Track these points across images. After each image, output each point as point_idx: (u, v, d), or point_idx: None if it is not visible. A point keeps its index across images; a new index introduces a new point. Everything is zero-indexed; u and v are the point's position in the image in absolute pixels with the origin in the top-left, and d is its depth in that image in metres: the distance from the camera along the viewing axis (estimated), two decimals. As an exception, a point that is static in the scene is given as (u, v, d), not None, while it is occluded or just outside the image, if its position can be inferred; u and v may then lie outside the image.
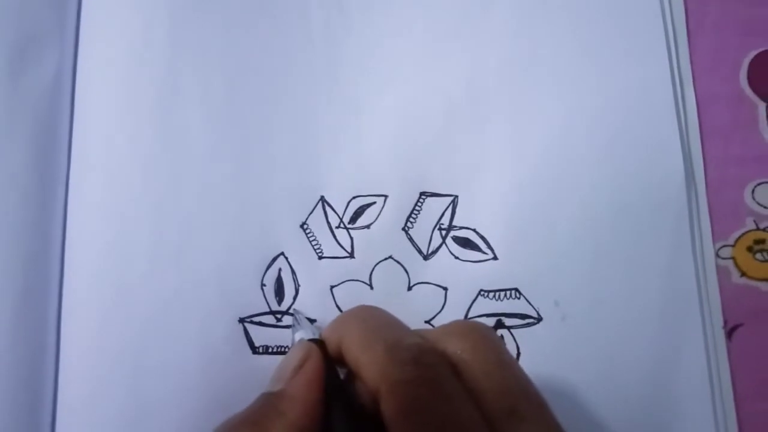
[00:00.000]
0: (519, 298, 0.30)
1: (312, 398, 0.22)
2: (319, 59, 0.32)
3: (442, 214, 0.31)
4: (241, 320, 0.30)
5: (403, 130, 0.31)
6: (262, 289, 0.30)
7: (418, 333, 0.23)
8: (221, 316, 0.29)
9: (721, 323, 0.30)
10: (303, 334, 0.26)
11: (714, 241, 0.31)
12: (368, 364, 0.22)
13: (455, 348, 0.22)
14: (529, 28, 0.32)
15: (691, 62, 0.32)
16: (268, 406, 0.23)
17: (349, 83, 0.32)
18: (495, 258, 0.30)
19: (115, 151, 0.31)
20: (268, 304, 0.30)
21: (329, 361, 0.24)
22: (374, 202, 0.31)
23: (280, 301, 0.30)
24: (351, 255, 0.31)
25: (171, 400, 0.29)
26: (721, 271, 0.31)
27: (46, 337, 0.29)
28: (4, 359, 0.28)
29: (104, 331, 0.29)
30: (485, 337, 0.22)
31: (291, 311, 0.30)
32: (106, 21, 0.32)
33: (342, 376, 0.24)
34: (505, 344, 0.27)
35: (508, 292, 0.30)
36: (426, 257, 0.31)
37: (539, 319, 0.30)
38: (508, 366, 0.22)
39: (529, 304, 0.30)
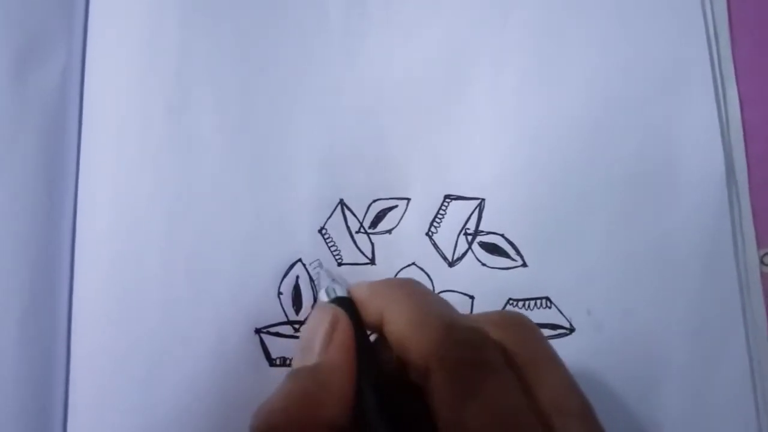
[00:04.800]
0: (550, 308, 0.29)
1: (351, 365, 0.22)
2: (338, 58, 0.31)
3: (468, 218, 0.30)
4: (257, 331, 0.29)
5: (426, 130, 0.31)
6: (279, 298, 0.29)
7: (468, 316, 0.23)
8: (236, 326, 0.29)
9: (766, 334, 0.29)
10: (328, 291, 0.24)
11: (758, 248, 0.30)
12: (420, 339, 0.21)
13: (501, 338, 0.21)
14: (558, 29, 0.31)
15: (734, 60, 0.31)
16: (310, 382, 0.21)
17: (370, 83, 0.31)
18: (524, 265, 0.29)
19: (125, 152, 0.30)
20: (285, 313, 0.29)
21: (358, 323, 0.23)
22: (396, 206, 0.30)
23: (297, 310, 0.29)
24: (372, 261, 0.30)
25: (184, 414, 0.28)
26: (765, 279, 0.30)
27: (55, 345, 0.29)
28: (12, 369, 0.28)
29: (115, 341, 0.28)
30: (533, 330, 0.22)
31: (314, 262, 0.29)
32: (114, 19, 0.31)
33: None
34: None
35: (538, 301, 0.29)
36: (451, 264, 0.30)
37: (571, 330, 0.29)
38: (555, 362, 0.21)
39: (561, 313, 0.29)
